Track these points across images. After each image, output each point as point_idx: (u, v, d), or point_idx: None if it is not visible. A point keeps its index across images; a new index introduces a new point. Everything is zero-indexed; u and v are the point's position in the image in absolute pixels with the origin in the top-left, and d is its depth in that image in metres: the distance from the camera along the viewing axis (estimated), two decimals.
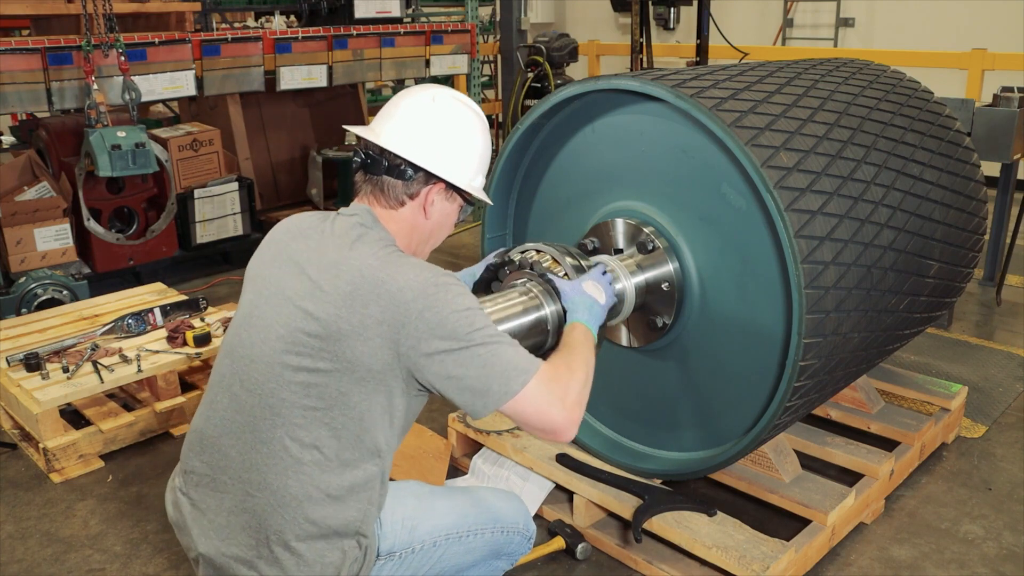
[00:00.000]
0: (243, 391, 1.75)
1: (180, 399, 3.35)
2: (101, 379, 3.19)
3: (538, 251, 2.24)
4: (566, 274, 2.17)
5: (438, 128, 1.87)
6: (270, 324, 1.74)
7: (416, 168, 1.84)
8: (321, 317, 1.68)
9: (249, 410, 1.73)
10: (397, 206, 1.86)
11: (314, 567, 1.70)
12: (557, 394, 1.75)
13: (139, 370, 3.26)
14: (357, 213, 1.84)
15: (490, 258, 2.34)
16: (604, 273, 2.18)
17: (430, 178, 1.86)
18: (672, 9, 7.88)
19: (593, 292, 2.08)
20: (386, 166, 1.83)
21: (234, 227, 5.43)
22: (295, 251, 1.81)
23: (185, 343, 3.48)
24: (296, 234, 1.86)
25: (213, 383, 1.84)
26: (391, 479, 1.97)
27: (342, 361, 1.67)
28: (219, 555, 1.75)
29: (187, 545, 1.83)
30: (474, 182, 1.93)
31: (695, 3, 5.88)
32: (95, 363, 3.28)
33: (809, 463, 2.76)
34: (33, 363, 3.26)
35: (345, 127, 2.14)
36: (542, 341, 2.21)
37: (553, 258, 2.20)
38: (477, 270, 2.34)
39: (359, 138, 1.90)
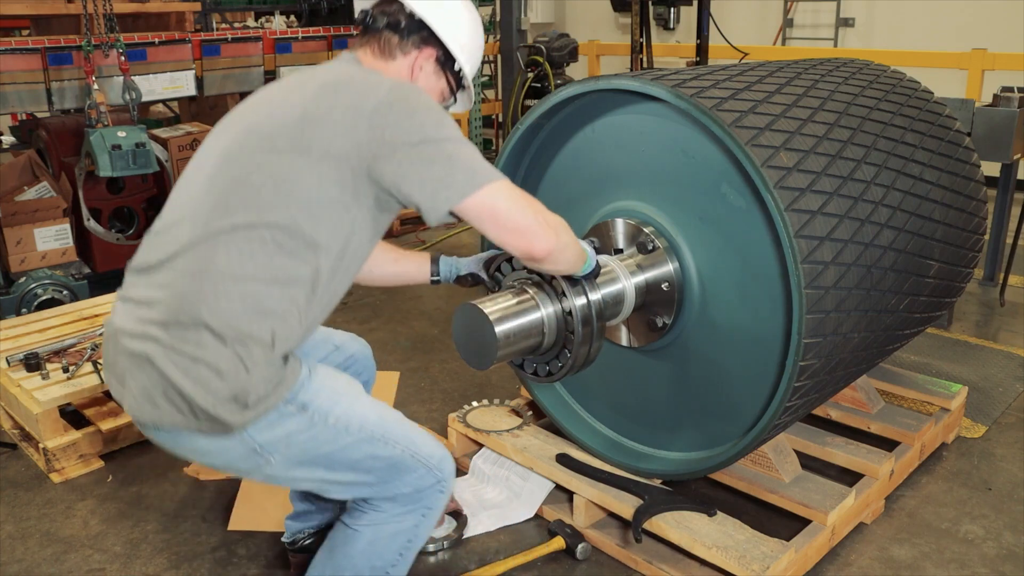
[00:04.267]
0: (202, 189, 1.75)
1: None
2: (101, 379, 3.19)
3: None
4: (553, 275, 2.18)
5: (454, 2, 1.96)
6: (234, 131, 1.80)
7: (419, 26, 1.91)
8: (288, 112, 1.73)
9: (205, 198, 1.74)
10: (388, 59, 1.92)
11: (221, 355, 1.65)
12: (533, 205, 1.80)
13: None
14: (335, 59, 1.93)
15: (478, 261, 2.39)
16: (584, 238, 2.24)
17: (426, 43, 1.93)
18: (672, 9, 7.90)
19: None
20: (387, 22, 1.90)
21: None
22: (261, 97, 1.87)
23: None
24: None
25: (164, 211, 1.84)
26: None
27: (302, 142, 1.70)
28: (132, 331, 1.71)
29: (107, 332, 1.80)
30: (466, 67, 2.00)
31: (695, 3, 5.88)
32: (95, 363, 3.28)
33: (809, 463, 2.76)
34: (33, 363, 3.26)
35: None
36: (538, 342, 2.21)
37: None
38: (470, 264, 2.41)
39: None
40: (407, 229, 6.21)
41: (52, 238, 4.66)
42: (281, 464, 1.80)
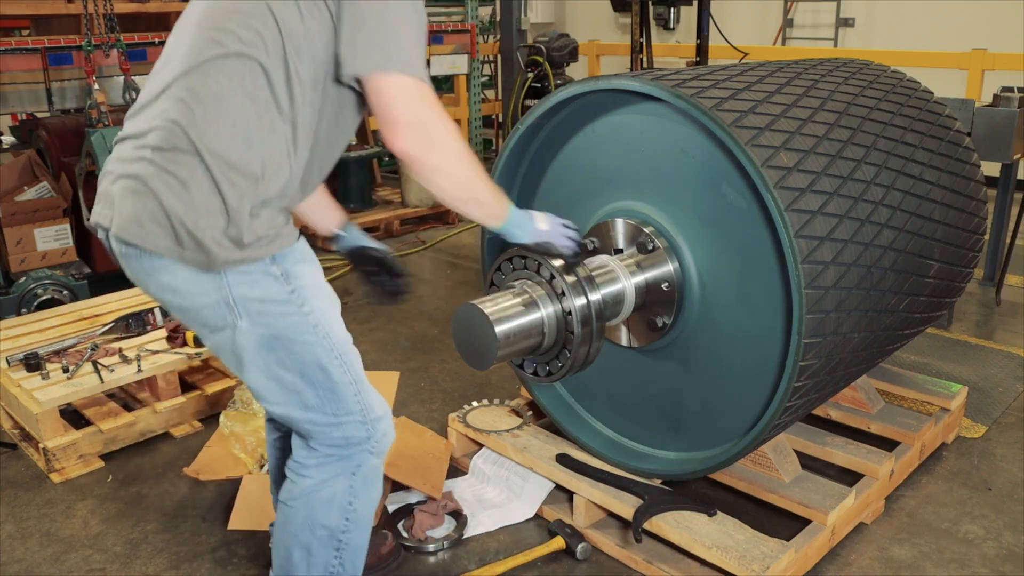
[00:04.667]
0: (194, 25, 1.77)
1: (180, 399, 3.35)
2: (101, 379, 3.19)
3: (523, 256, 2.25)
4: (553, 276, 2.19)
5: None
6: None
7: None
8: None
9: (197, 32, 1.75)
10: None
11: (211, 188, 1.67)
12: (428, 111, 1.75)
13: (139, 370, 3.26)
14: None
15: None
16: (564, 226, 2.20)
17: None
18: (672, 9, 7.88)
19: (538, 221, 2.14)
20: None
21: None
22: None
23: (185, 343, 3.48)
24: None
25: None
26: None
27: None
28: (127, 157, 1.73)
29: (103, 172, 1.81)
30: None
31: (695, 3, 5.88)
32: (95, 363, 3.28)
33: (809, 463, 2.76)
34: (33, 363, 3.26)
35: None
36: (538, 343, 2.21)
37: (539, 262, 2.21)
38: None
39: None
40: (407, 229, 6.22)
41: (52, 238, 4.66)
42: (245, 333, 1.78)
